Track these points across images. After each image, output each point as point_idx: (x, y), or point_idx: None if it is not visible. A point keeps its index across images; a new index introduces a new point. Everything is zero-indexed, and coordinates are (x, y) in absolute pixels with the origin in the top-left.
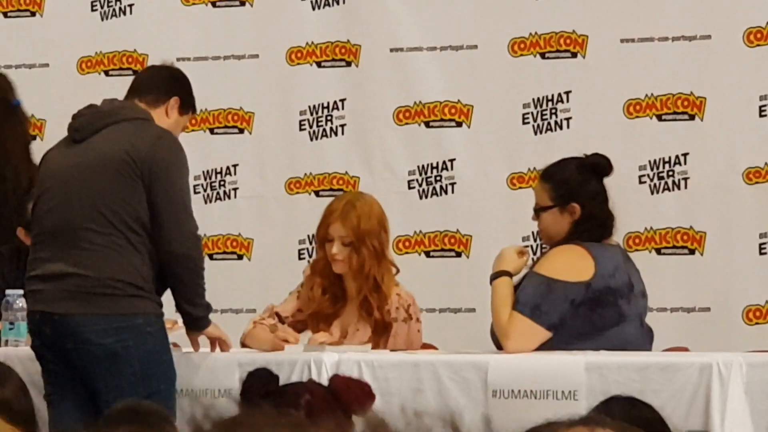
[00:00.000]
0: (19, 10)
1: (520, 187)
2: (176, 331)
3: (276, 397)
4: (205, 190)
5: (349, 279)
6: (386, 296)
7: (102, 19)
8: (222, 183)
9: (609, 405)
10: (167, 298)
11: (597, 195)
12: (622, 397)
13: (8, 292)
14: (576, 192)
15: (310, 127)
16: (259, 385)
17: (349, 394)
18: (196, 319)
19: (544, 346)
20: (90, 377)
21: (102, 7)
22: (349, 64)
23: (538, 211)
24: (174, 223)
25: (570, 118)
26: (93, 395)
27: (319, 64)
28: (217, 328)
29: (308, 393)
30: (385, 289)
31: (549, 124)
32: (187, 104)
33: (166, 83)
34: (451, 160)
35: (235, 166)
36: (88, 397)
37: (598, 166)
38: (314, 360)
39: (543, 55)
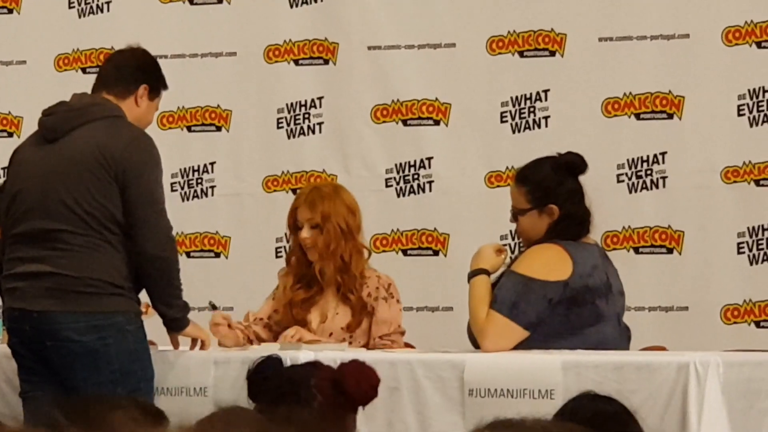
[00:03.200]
0: None
1: (498, 186)
2: (150, 317)
3: (282, 383)
4: (182, 188)
5: (320, 264)
6: (355, 277)
7: (79, 17)
8: (199, 181)
9: (578, 401)
10: None
11: (574, 194)
12: (591, 394)
13: None
14: (553, 193)
15: (288, 125)
16: (266, 372)
17: (354, 382)
18: (173, 320)
19: (521, 345)
20: (69, 375)
21: (79, 5)
22: (326, 62)
23: (516, 214)
24: (148, 225)
25: (548, 116)
26: (71, 393)
27: (296, 62)
28: (196, 327)
29: (315, 378)
30: (354, 270)
31: (527, 122)
32: (156, 87)
33: (132, 73)
34: (429, 159)
35: (212, 163)
36: (65, 395)
37: (573, 165)
38: (290, 358)
39: (521, 54)
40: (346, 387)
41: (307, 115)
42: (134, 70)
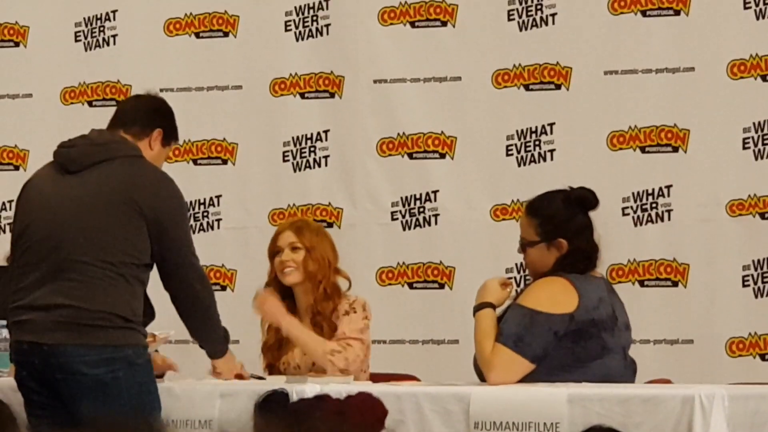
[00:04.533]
0: (2, 41)
1: (504, 219)
2: (157, 346)
3: (288, 416)
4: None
5: (300, 291)
6: (331, 308)
7: (86, 50)
8: (205, 214)
9: None
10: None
11: (583, 229)
12: (602, 428)
13: None
14: (563, 228)
15: (294, 158)
16: (272, 405)
17: (359, 414)
18: (216, 351)
19: (527, 378)
20: (78, 408)
21: (86, 38)
22: (332, 95)
23: (525, 245)
24: (189, 267)
25: (553, 149)
26: (79, 427)
27: (302, 95)
28: (230, 362)
29: (319, 411)
30: (333, 302)
31: (532, 155)
32: (170, 135)
33: (149, 115)
34: (435, 192)
35: (218, 197)
36: (72, 429)
37: (584, 200)
38: (296, 392)
39: (527, 87)
40: (351, 419)
41: (312, 149)
42: (151, 112)
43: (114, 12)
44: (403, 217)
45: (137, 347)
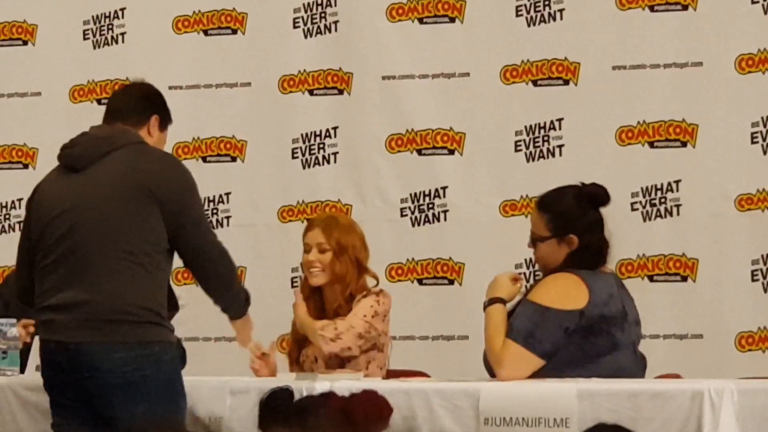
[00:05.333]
0: (11, 39)
1: (513, 215)
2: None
3: (293, 412)
4: None
5: (328, 292)
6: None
7: (94, 48)
8: (215, 211)
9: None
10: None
11: (594, 225)
12: (608, 425)
13: (0, 321)
14: (574, 223)
15: (303, 155)
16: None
17: (364, 412)
18: (233, 315)
19: (537, 374)
20: (106, 406)
21: (94, 36)
22: (341, 92)
23: (535, 240)
24: (201, 245)
25: (562, 145)
26: (106, 424)
27: (311, 92)
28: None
29: (324, 407)
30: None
31: (541, 151)
32: (166, 119)
33: (143, 103)
34: (444, 188)
35: (227, 194)
36: (99, 427)
37: (596, 196)
38: (306, 389)
39: (535, 83)
40: (355, 417)
41: (321, 145)
42: (144, 101)
43: (122, 10)
44: (412, 213)
45: (163, 343)
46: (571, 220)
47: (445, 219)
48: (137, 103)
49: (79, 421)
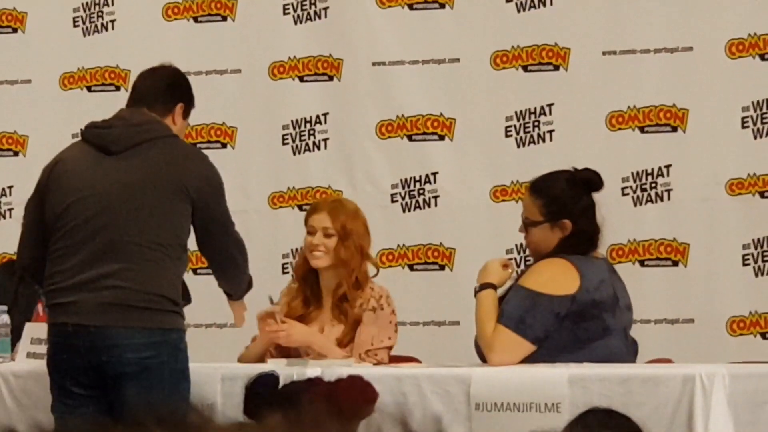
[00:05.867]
0: (0, 27)
1: (503, 200)
2: None
3: (278, 398)
4: None
5: (327, 275)
6: (362, 290)
7: (84, 35)
8: None
9: (586, 417)
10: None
11: (587, 210)
12: (599, 410)
13: None
14: (568, 208)
15: (293, 141)
16: (261, 390)
17: (349, 397)
18: (234, 296)
19: (528, 359)
20: (120, 391)
21: (84, 23)
22: (331, 78)
23: (528, 224)
24: (227, 241)
25: (553, 130)
26: (116, 411)
27: (301, 79)
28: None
29: (309, 393)
30: (364, 285)
31: (532, 136)
32: (190, 106)
33: (170, 91)
34: (434, 174)
35: None
36: (108, 413)
37: (589, 182)
38: (297, 374)
39: (525, 68)
40: (340, 402)
41: (312, 132)
42: (171, 88)
43: None
44: (403, 199)
45: (181, 331)
46: (565, 204)
47: (436, 205)
48: (164, 91)
49: (88, 410)
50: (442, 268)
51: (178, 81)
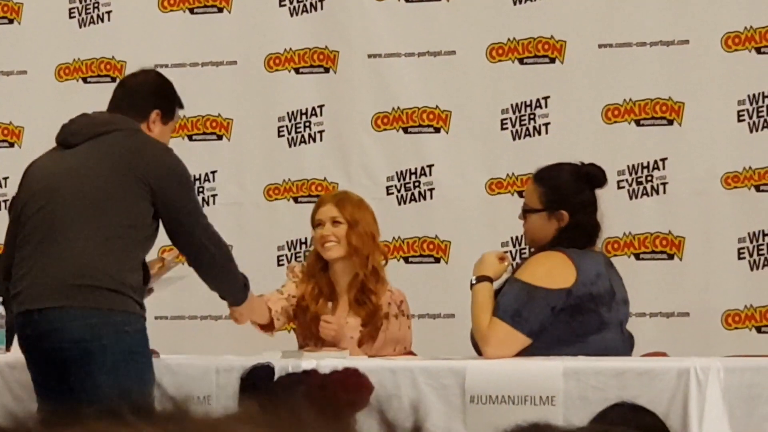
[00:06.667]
0: None
1: (499, 193)
2: (162, 275)
3: (272, 390)
4: None
5: (340, 268)
6: (384, 283)
7: (80, 26)
8: (200, 190)
9: (611, 412)
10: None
11: (587, 205)
12: (624, 404)
13: None
14: (567, 200)
15: (289, 133)
16: (257, 379)
17: (344, 389)
18: (234, 302)
19: (524, 353)
20: (66, 377)
21: (80, 14)
22: (327, 70)
23: (526, 211)
24: (194, 232)
25: (548, 123)
26: (67, 398)
27: (297, 71)
28: (252, 307)
29: (303, 385)
30: (383, 276)
31: (527, 129)
32: (169, 112)
33: (144, 98)
34: (430, 166)
35: (213, 172)
36: (62, 400)
37: (592, 177)
38: (292, 367)
39: (521, 61)
40: (334, 394)
41: (307, 124)
42: (146, 95)
43: None
44: (398, 191)
45: (126, 313)
46: (565, 195)
47: (432, 197)
48: (137, 98)
49: (51, 396)
50: (437, 260)
51: (156, 87)
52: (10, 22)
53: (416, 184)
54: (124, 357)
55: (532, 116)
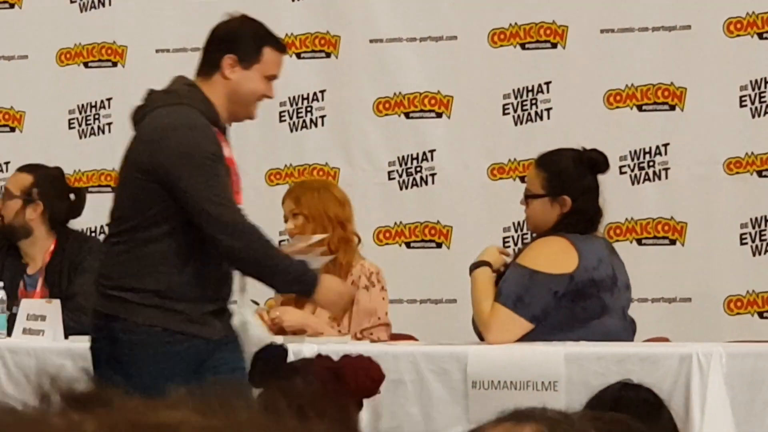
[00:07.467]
0: None
1: (501, 178)
2: (314, 257)
3: (283, 370)
4: None
5: None
6: (342, 265)
7: (81, 11)
8: None
9: (602, 394)
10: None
11: (589, 191)
12: (619, 383)
13: None
14: (569, 185)
15: (290, 118)
16: (269, 361)
17: (353, 376)
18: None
19: (526, 338)
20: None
21: None
22: (328, 55)
23: (529, 197)
24: (206, 221)
25: (550, 108)
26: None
27: (298, 56)
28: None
29: (313, 372)
30: (341, 259)
31: (529, 114)
32: (248, 54)
33: (212, 48)
34: (431, 151)
35: None
36: None
37: (594, 162)
38: (293, 352)
39: (523, 46)
40: (346, 379)
41: (309, 109)
42: (215, 44)
43: None
44: (400, 176)
45: (127, 322)
46: (567, 181)
47: (433, 182)
48: (207, 49)
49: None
50: (439, 245)
51: (224, 32)
52: (11, 6)
53: (418, 169)
54: (114, 366)
55: (534, 101)
